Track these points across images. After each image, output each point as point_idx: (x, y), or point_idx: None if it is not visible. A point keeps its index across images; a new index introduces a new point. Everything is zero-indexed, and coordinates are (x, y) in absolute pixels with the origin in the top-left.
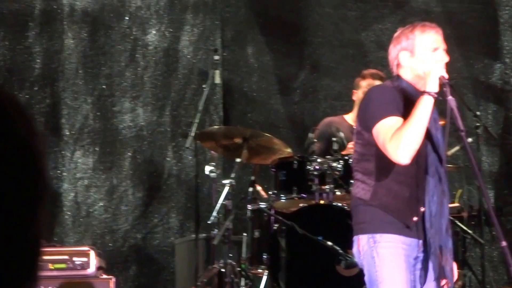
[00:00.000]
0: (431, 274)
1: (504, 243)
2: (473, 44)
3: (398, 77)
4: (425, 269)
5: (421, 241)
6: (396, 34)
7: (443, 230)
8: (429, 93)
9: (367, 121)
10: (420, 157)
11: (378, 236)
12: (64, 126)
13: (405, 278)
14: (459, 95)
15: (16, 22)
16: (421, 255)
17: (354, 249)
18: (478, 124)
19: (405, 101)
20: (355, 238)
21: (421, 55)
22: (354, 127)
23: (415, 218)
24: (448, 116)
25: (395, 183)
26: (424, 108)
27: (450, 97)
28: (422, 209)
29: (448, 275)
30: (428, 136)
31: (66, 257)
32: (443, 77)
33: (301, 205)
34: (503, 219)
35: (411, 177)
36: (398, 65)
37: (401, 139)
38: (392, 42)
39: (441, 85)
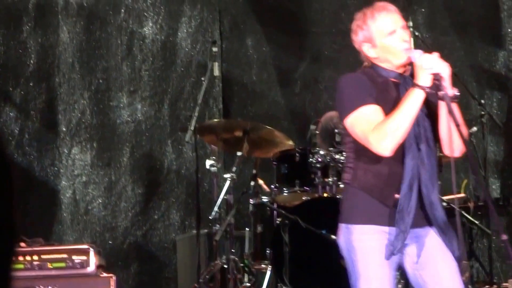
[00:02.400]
0: (438, 254)
1: (505, 237)
2: (476, 32)
3: (372, 64)
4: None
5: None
6: (352, 26)
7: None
8: (420, 87)
9: (340, 113)
10: None
11: (352, 227)
12: (60, 122)
13: (382, 273)
14: (463, 84)
15: (10, 16)
16: (414, 239)
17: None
18: (483, 112)
19: (380, 86)
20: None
21: (381, 43)
22: None
23: (396, 196)
24: (447, 110)
25: (373, 163)
26: (413, 102)
27: (442, 92)
28: (396, 195)
29: (449, 245)
30: None
31: (65, 256)
32: (436, 74)
33: (304, 198)
34: (510, 209)
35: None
36: (366, 56)
37: (385, 131)
38: (352, 35)
39: (435, 79)
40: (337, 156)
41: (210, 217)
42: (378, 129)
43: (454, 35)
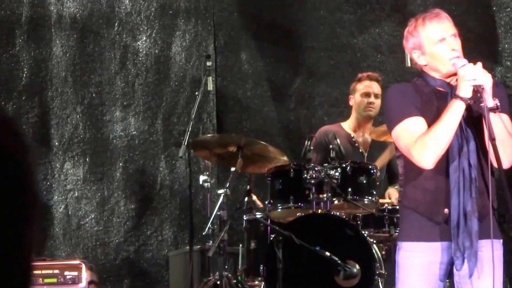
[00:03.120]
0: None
1: None
2: (472, 48)
3: (422, 72)
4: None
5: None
6: (404, 33)
7: (468, 217)
8: (460, 98)
9: (387, 125)
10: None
11: (400, 244)
12: (53, 136)
13: None
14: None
15: (2, 29)
16: (459, 255)
17: None
18: None
19: (427, 96)
20: None
21: (430, 51)
22: (352, 135)
23: (446, 210)
24: (486, 123)
25: (421, 178)
26: (453, 113)
27: (483, 104)
28: (446, 211)
29: (471, 262)
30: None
31: (57, 271)
32: (478, 85)
33: (298, 214)
34: (504, 226)
35: (435, 169)
36: (416, 64)
37: (426, 143)
38: (403, 41)
39: (475, 91)
40: (331, 172)
41: (203, 233)
42: (419, 142)
43: None
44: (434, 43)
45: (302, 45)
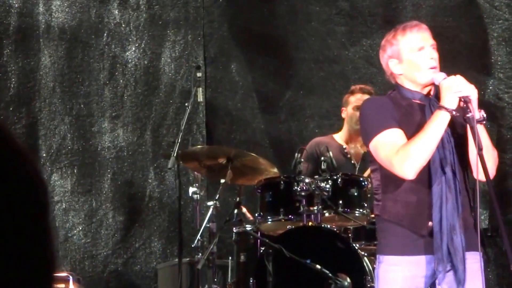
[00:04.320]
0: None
1: None
2: (465, 60)
3: (397, 85)
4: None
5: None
6: (382, 42)
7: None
8: (445, 109)
9: (364, 138)
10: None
11: (381, 258)
12: (40, 147)
13: None
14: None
15: None
16: (442, 269)
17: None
18: None
19: (404, 108)
20: None
21: (408, 59)
22: (344, 146)
23: (430, 223)
24: (474, 133)
25: (401, 191)
26: (438, 124)
27: (470, 115)
28: (430, 223)
29: (459, 275)
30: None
31: None
32: (464, 96)
33: (288, 227)
34: (498, 240)
35: (417, 182)
36: (392, 74)
37: (409, 153)
38: (380, 51)
39: (461, 102)
40: (322, 184)
41: (192, 246)
42: (401, 152)
43: (443, 63)
44: (413, 51)
45: (293, 56)
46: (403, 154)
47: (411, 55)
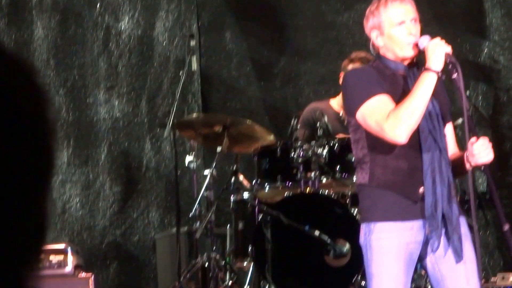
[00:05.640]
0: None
1: (506, 227)
2: (459, 23)
3: (378, 55)
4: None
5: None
6: (366, 12)
7: (444, 198)
8: (432, 70)
9: (349, 107)
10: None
11: (372, 226)
12: None
13: (396, 273)
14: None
15: None
16: (435, 237)
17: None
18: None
19: (389, 78)
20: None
21: (388, 32)
22: (340, 113)
23: (421, 190)
24: (460, 93)
25: (391, 158)
26: (426, 85)
27: (455, 76)
28: (421, 189)
29: (456, 245)
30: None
31: (42, 255)
32: (448, 54)
33: (286, 194)
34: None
35: (407, 148)
36: (373, 44)
37: (400, 117)
38: (364, 20)
39: (447, 63)
40: (319, 150)
41: (190, 215)
42: (392, 117)
43: (437, 26)
44: (393, 26)
45: (287, 23)
46: (394, 118)
47: (392, 29)
